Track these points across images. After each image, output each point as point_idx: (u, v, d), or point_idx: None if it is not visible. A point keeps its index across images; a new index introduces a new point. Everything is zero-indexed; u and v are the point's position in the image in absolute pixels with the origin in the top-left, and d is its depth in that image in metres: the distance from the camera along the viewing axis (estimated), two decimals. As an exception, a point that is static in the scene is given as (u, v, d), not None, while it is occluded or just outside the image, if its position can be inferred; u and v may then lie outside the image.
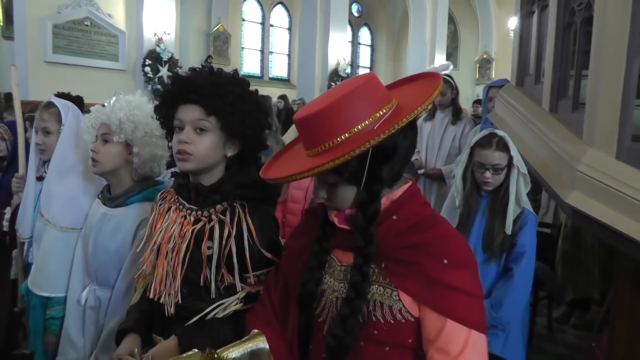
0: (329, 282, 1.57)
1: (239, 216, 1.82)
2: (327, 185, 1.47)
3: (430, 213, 1.53)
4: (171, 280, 1.85)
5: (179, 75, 1.83)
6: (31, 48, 10.68)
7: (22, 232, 2.73)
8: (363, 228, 1.43)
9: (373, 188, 1.43)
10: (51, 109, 2.71)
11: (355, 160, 1.35)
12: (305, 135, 1.44)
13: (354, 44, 22.67)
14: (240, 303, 1.83)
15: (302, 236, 1.71)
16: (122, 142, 2.25)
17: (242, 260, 1.81)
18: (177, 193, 1.95)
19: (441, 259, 1.38)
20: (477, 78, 22.33)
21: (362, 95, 1.37)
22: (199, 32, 17.38)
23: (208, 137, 1.80)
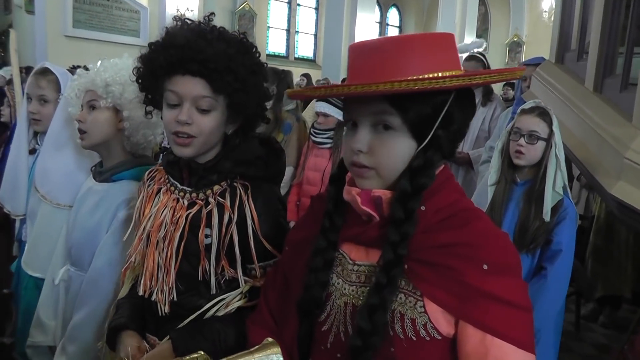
0: (337, 283, 1.28)
1: (240, 198, 1.55)
2: (376, 130, 1.16)
3: (467, 205, 1.23)
4: (164, 275, 1.58)
5: (176, 38, 1.48)
6: (51, 22, 10.72)
7: (13, 209, 2.55)
8: (405, 213, 1.13)
9: (431, 154, 1.15)
10: (49, 75, 2.49)
11: (429, 106, 1.12)
12: (369, 62, 1.14)
13: (381, 25, 22.33)
14: (244, 298, 1.57)
15: (306, 227, 1.41)
16: (110, 107, 1.99)
17: (245, 250, 1.55)
18: (167, 172, 1.67)
19: (480, 262, 1.09)
20: (507, 62, 21.79)
21: (443, 45, 1.18)
22: (224, 10, 17.19)
23: (213, 116, 1.50)
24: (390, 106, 1.12)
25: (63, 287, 2.14)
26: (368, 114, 1.16)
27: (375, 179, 1.18)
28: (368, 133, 1.16)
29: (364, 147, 1.16)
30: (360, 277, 1.23)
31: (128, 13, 11.64)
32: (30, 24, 12.14)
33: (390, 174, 1.17)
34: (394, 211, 1.14)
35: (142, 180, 1.78)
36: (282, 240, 1.53)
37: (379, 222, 1.19)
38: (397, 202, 1.14)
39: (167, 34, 1.51)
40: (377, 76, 1.10)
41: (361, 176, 1.19)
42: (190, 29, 1.51)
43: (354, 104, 1.18)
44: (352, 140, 1.18)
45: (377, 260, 1.19)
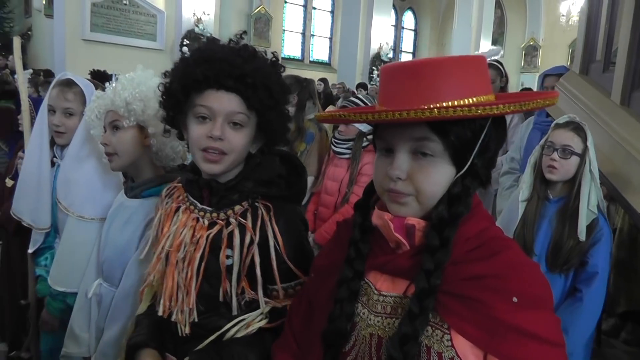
0: (362, 314, 1.24)
1: (262, 219, 1.52)
2: (415, 157, 1.13)
3: (496, 233, 1.19)
4: (184, 295, 1.55)
5: (212, 52, 1.47)
6: (70, 26, 10.84)
7: (35, 222, 2.49)
8: (441, 241, 1.10)
9: (469, 181, 1.14)
10: (75, 88, 2.46)
11: (470, 131, 1.10)
12: (406, 86, 1.10)
13: (397, 28, 22.27)
14: (265, 319, 1.54)
15: (332, 254, 1.37)
16: (134, 125, 1.97)
17: (266, 271, 1.52)
18: (187, 190, 1.64)
19: (510, 295, 1.05)
20: (523, 66, 21.72)
21: (478, 69, 1.14)
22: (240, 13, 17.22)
23: (244, 133, 1.49)
24: (431, 131, 1.09)
25: (95, 301, 2.12)
26: (407, 139, 1.12)
27: (412, 205, 1.15)
28: (407, 160, 1.13)
29: (403, 175, 1.12)
30: (386, 308, 1.19)
31: (145, 17, 11.72)
32: (49, 28, 12.29)
33: (429, 201, 1.14)
34: (430, 239, 1.11)
35: (160, 197, 1.75)
36: (303, 260, 1.52)
37: (409, 252, 1.15)
38: (433, 229, 1.11)
39: (201, 50, 1.50)
40: (414, 101, 1.07)
41: (398, 202, 1.15)
42: (224, 46, 1.51)
43: (391, 129, 1.15)
44: (389, 167, 1.14)
45: (404, 291, 1.16)
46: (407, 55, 23.26)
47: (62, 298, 2.32)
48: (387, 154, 1.17)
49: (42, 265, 2.52)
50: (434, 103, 1.05)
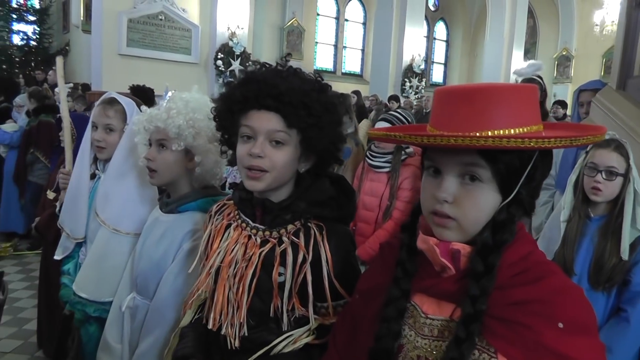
0: (409, 335, 1.25)
1: (315, 239, 1.56)
2: (463, 181, 1.15)
3: (539, 258, 1.20)
4: (234, 309, 1.59)
5: (254, 74, 1.53)
6: (106, 41, 10.98)
7: (72, 232, 2.55)
8: (485, 267, 1.12)
9: (514, 209, 1.15)
10: (116, 105, 2.53)
11: (518, 160, 1.12)
12: (460, 110, 1.13)
13: (429, 39, 22.19)
14: (312, 335, 1.57)
15: (376, 275, 1.39)
16: (182, 149, 2.02)
17: (316, 289, 1.55)
18: (239, 208, 1.68)
19: (555, 321, 1.06)
20: (555, 76, 21.38)
21: (529, 98, 1.16)
22: (273, 26, 17.37)
23: (285, 151, 1.53)
24: (481, 158, 1.11)
25: (128, 314, 2.15)
26: (456, 163, 1.14)
27: (456, 230, 1.16)
28: (454, 183, 1.14)
29: (450, 198, 1.14)
30: (433, 330, 1.21)
31: (180, 32, 11.85)
32: (86, 43, 12.52)
33: (473, 227, 1.15)
34: (474, 265, 1.12)
35: (209, 213, 1.79)
36: (352, 280, 1.53)
37: (454, 276, 1.17)
38: (477, 255, 1.13)
39: (245, 72, 1.56)
40: (466, 126, 1.09)
41: (442, 226, 1.16)
42: (267, 68, 1.55)
43: (441, 151, 1.16)
44: (437, 189, 1.16)
45: (450, 314, 1.17)
46: (438, 67, 23.15)
47: (80, 307, 2.34)
48: (434, 175, 1.18)
49: (66, 273, 2.58)
50: (485, 130, 1.07)
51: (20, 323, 4.70)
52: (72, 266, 2.56)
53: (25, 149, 6.65)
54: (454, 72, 23.42)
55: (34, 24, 15.36)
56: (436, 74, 23.27)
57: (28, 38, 15.18)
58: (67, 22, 15.02)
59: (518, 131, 1.10)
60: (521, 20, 18.85)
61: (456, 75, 23.32)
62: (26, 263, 6.25)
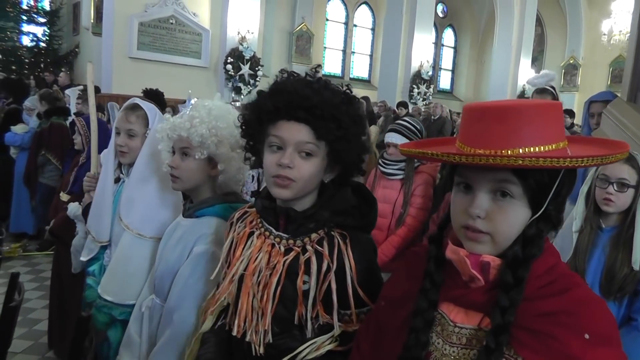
0: (437, 343, 1.28)
1: (339, 248, 1.57)
2: (495, 197, 1.18)
3: (564, 270, 1.23)
4: (259, 316, 1.60)
5: (284, 85, 1.54)
6: (117, 44, 11.05)
7: (97, 236, 2.59)
8: (515, 280, 1.15)
9: (542, 224, 1.19)
10: (138, 111, 2.55)
11: (548, 176, 1.15)
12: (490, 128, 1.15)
13: (437, 46, 22.23)
14: (335, 342, 1.59)
15: (403, 284, 1.41)
16: (205, 157, 2.04)
17: (340, 297, 1.56)
18: (262, 217, 1.70)
19: (582, 332, 1.09)
20: (562, 84, 21.38)
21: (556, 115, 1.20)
22: (282, 31, 17.45)
23: (313, 162, 1.54)
24: (513, 175, 1.14)
25: (147, 315, 2.18)
26: (489, 180, 1.17)
27: (488, 244, 1.19)
28: (487, 199, 1.17)
29: (483, 213, 1.16)
30: (461, 339, 1.23)
31: (190, 35, 11.89)
32: (96, 45, 12.57)
33: (505, 241, 1.18)
34: (504, 277, 1.15)
35: (230, 220, 1.80)
36: (374, 288, 1.55)
37: (483, 287, 1.19)
38: (507, 268, 1.15)
39: (275, 83, 1.56)
40: (499, 144, 1.11)
41: (475, 240, 1.19)
42: (298, 79, 1.56)
43: (472, 168, 1.19)
44: (469, 204, 1.18)
45: (478, 323, 1.20)
46: (446, 73, 23.19)
47: (107, 310, 2.37)
48: (465, 191, 1.21)
49: (91, 274, 2.61)
50: (516, 147, 1.10)
51: (31, 324, 4.73)
52: (97, 268, 2.60)
53: (36, 150, 6.68)
54: (461, 79, 23.45)
55: (44, 26, 15.38)
56: (444, 81, 23.30)
57: (38, 40, 15.22)
58: (77, 24, 15.09)
59: (547, 148, 1.13)
60: (529, 28, 18.90)
61: (463, 81, 23.34)
62: (35, 264, 6.28)
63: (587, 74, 21.21)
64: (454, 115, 13.69)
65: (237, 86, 12.27)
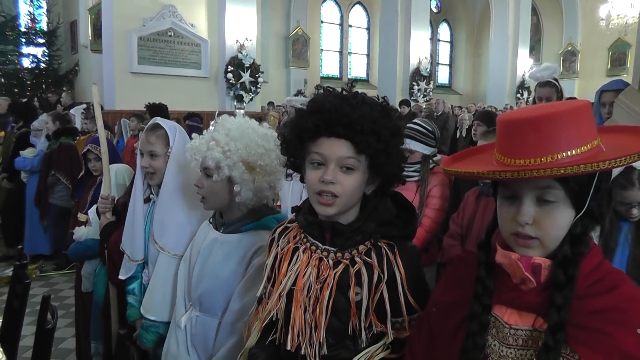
0: (493, 345, 1.32)
1: (388, 258, 1.60)
2: (539, 203, 1.23)
3: (610, 268, 1.28)
4: (312, 330, 1.63)
5: (324, 103, 1.55)
6: (118, 60, 11.08)
7: (132, 255, 2.67)
8: (567, 278, 1.20)
9: (587, 222, 1.24)
10: (158, 131, 2.60)
11: (586, 176, 1.20)
12: (527, 138, 1.20)
13: (433, 41, 22.24)
14: (387, 350, 1.63)
15: (453, 290, 1.47)
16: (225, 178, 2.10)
17: (392, 305, 1.59)
18: (306, 232, 1.72)
19: (633, 328, 1.14)
20: (562, 72, 21.35)
21: (587, 115, 1.24)
22: (278, 36, 17.51)
23: (355, 176, 1.56)
24: (555, 180, 1.19)
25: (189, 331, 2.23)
26: (533, 188, 1.22)
27: (539, 248, 1.25)
28: (533, 206, 1.23)
29: (531, 220, 1.22)
30: (518, 340, 1.28)
31: (189, 47, 11.93)
32: (96, 63, 12.61)
33: (553, 243, 1.24)
34: (557, 276, 1.21)
35: (271, 236, 1.83)
36: (423, 294, 1.61)
37: (536, 288, 1.24)
38: (559, 268, 1.21)
39: (314, 101, 1.59)
40: (538, 152, 1.17)
41: (526, 246, 1.25)
42: (335, 95, 1.59)
43: None
44: (517, 213, 1.24)
45: (532, 324, 1.25)
46: (443, 68, 23.21)
47: (154, 330, 2.45)
48: (510, 201, 1.27)
49: (132, 293, 2.68)
50: (554, 153, 1.16)
51: (56, 343, 4.75)
52: (137, 286, 2.68)
53: (46, 171, 6.71)
54: (459, 73, 23.49)
55: (43, 46, 15.45)
56: (442, 76, 23.33)
57: (38, 60, 15.27)
58: (76, 42, 15.11)
59: (584, 149, 1.18)
60: (525, 18, 18.91)
61: (461, 76, 23.38)
62: (53, 284, 6.33)
63: (586, 59, 21.23)
64: (455, 109, 13.73)
65: (239, 94, 12.29)
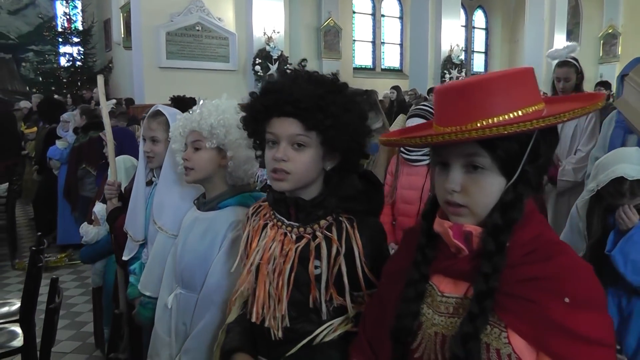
0: (427, 313, 1.33)
1: (347, 232, 1.65)
2: (468, 170, 1.22)
3: (551, 237, 1.26)
4: (275, 303, 1.69)
5: (272, 85, 1.63)
6: (147, 56, 11.30)
7: (134, 235, 2.78)
8: (497, 246, 1.19)
9: (521, 189, 1.21)
10: (159, 117, 2.70)
11: (516, 143, 1.18)
12: (455, 106, 1.21)
13: (467, 29, 21.95)
14: (351, 323, 1.67)
15: (400, 259, 1.48)
16: (214, 147, 2.16)
17: (351, 279, 1.64)
18: (274, 208, 1.78)
19: (562, 296, 1.12)
20: (601, 56, 20.79)
21: (523, 81, 1.23)
22: (309, 27, 17.47)
23: (307, 152, 1.60)
24: (481, 147, 1.18)
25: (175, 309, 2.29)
26: (459, 155, 1.21)
27: (469, 216, 1.24)
28: (460, 173, 1.22)
29: (458, 187, 1.22)
30: (449, 308, 1.28)
31: (217, 40, 12.07)
32: (128, 59, 12.89)
33: (483, 211, 1.23)
34: (486, 244, 1.19)
35: (246, 215, 1.89)
36: None
37: (468, 256, 1.24)
38: (489, 235, 1.20)
39: (266, 82, 1.67)
40: (464, 119, 1.17)
41: (456, 214, 1.25)
42: (283, 76, 1.66)
43: (445, 146, 1.24)
44: (445, 180, 1.24)
45: (465, 292, 1.25)
46: (479, 56, 22.88)
47: (152, 306, 2.50)
48: (443, 168, 1.26)
49: (133, 273, 2.79)
50: (482, 120, 1.15)
51: (78, 326, 4.99)
52: (138, 266, 2.78)
53: (75, 164, 6.87)
54: (494, 60, 23.07)
55: (79, 45, 15.84)
56: (477, 63, 22.98)
57: (74, 59, 15.67)
58: (109, 40, 15.46)
59: (515, 115, 1.16)
60: (562, 1, 18.41)
61: (497, 63, 22.95)
62: (80, 271, 6.52)
63: (628, 42, 20.32)
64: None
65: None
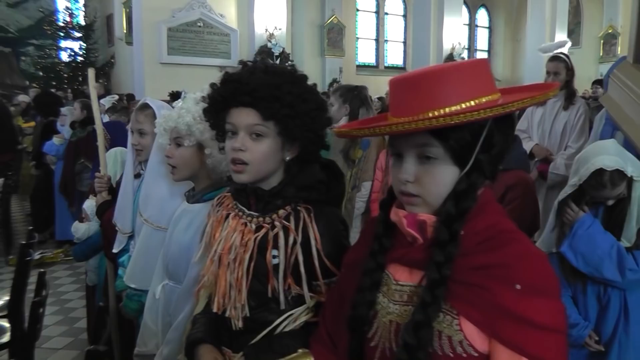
0: (383, 302, 1.33)
1: (304, 221, 1.65)
2: (421, 160, 1.22)
3: (506, 227, 1.25)
4: (235, 293, 1.70)
5: (230, 75, 1.65)
6: (147, 51, 11.30)
7: (122, 227, 2.79)
8: (450, 235, 1.19)
9: (474, 178, 1.21)
10: (146, 110, 2.70)
11: (468, 133, 1.17)
12: (408, 96, 1.21)
13: (470, 27, 21.95)
14: (311, 313, 1.67)
15: (359, 249, 1.48)
16: (194, 144, 2.17)
17: (309, 268, 1.64)
18: (235, 199, 1.79)
19: (512, 283, 1.12)
20: (602, 55, 20.72)
21: (476, 72, 1.23)
22: (312, 24, 17.45)
23: (265, 142, 1.62)
24: (433, 138, 1.18)
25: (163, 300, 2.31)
26: (412, 146, 1.22)
27: (423, 205, 1.24)
28: (413, 164, 1.22)
29: (411, 177, 1.22)
30: (403, 296, 1.28)
31: (219, 37, 12.06)
32: (130, 55, 12.89)
33: (436, 200, 1.23)
34: (439, 233, 1.20)
35: (212, 205, 1.90)
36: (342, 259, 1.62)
37: (422, 245, 1.25)
38: (442, 224, 1.20)
39: (224, 74, 1.67)
40: (416, 110, 1.17)
41: (410, 204, 1.25)
42: (242, 67, 1.66)
43: (398, 137, 1.25)
44: (399, 171, 1.24)
45: (419, 281, 1.24)
46: (481, 54, 22.83)
47: (137, 298, 2.53)
48: (398, 159, 1.26)
49: (121, 265, 2.79)
50: (433, 110, 1.15)
51: (71, 322, 5.00)
52: (126, 258, 2.77)
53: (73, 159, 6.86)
54: (497, 59, 23.02)
55: (80, 40, 15.85)
56: (480, 62, 22.92)
57: (75, 54, 15.67)
58: (112, 35, 15.47)
59: (467, 105, 1.16)
60: (563, 1, 18.40)
61: (500, 61, 22.92)
62: (76, 267, 6.50)
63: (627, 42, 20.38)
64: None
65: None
